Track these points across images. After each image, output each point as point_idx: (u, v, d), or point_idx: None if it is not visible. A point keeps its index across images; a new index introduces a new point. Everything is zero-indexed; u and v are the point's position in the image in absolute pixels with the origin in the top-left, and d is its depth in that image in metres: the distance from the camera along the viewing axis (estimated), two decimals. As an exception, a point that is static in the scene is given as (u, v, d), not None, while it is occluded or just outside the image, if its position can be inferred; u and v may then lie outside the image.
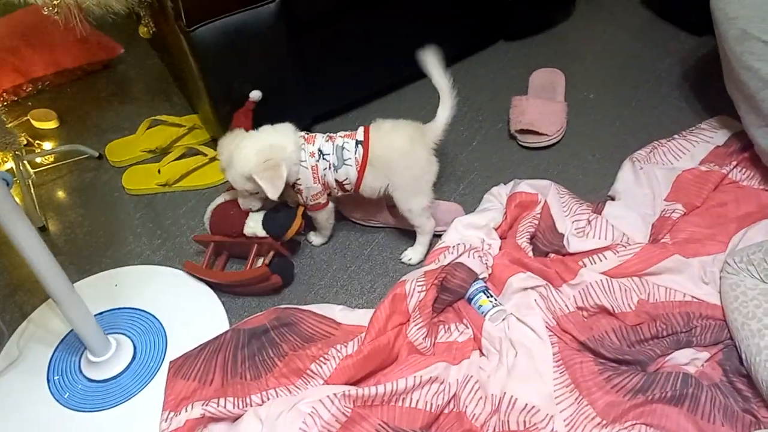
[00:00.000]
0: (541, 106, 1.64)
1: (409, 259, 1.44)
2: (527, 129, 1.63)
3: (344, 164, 1.32)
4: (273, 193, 1.25)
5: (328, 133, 1.36)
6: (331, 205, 1.41)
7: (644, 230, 1.39)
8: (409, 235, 1.47)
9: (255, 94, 1.48)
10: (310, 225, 1.47)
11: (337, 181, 1.34)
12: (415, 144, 1.33)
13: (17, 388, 1.27)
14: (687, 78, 1.79)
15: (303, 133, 1.34)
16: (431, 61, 1.34)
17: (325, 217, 1.42)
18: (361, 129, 1.34)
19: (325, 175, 1.33)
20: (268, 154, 1.26)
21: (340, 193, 1.38)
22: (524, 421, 1.11)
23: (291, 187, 1.34)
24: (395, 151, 1.32)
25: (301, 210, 1.37)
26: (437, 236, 1.47)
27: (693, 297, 1.25)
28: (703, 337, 1.20)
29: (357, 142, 1.32)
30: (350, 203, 1.50)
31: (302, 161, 1.31)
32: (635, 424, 1.10)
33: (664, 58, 1.87)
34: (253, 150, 1.27)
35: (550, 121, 1.64)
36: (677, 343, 1.20)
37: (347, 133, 1.35)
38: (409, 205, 1.37)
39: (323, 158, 1.32)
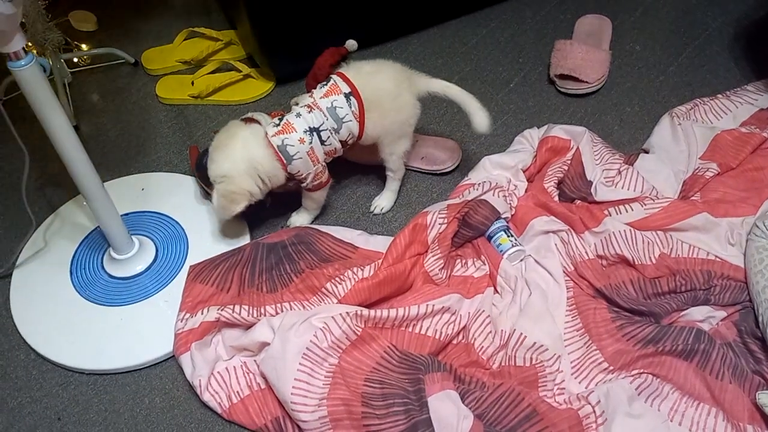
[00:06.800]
0: (585, 53, 1.60)
1: (381, 209, 1.41)
2: (568, 74, 1.59)
3: (344, 123, 1.25)
4: (217, 214, 1.27)
5: (298, 105, 1.27)
6: (331, 179, 1.34)
7: (675, 187, 1.36)
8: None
9: (351, 44, 1.46)
10: (288, 204, 1.40)
11: (341, 141, 1.28)
12: (401, 87, 1.28)
13: (41, 277, 1.31)
14: (739, 39, 1.73)
15: (275, 128, 1.24)
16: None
17: (324, 194, 1.36)
18: (338, 79, 1.26)
19: (330, 142, 1.26)
20: (239, 182, 1.22)
21: (342, 152, 1.32)
22: (531, 358, 1.12)
23: (286, 181, 1.29)
24: (383, 93, 1.27)
25: None
26: (436, 175, 1.47)
27: (716, 256, 1.24)
28: (722, 296, 1.19)
29: (346, 96, 1.25)
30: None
31: (294, 156, 1.23)
32: (642, 373, 1.11)
33: (717, 17, 1.80)
34: (230, 164, 1.22)
35: (592, 68, 1.59)
36: (694, 300, 1.19)
37: (325, 90, 1.26)
38: (392, 149, 1.33)
39: (318, 133, 1.25)
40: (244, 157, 1.23)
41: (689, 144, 1.42)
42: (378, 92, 1.27)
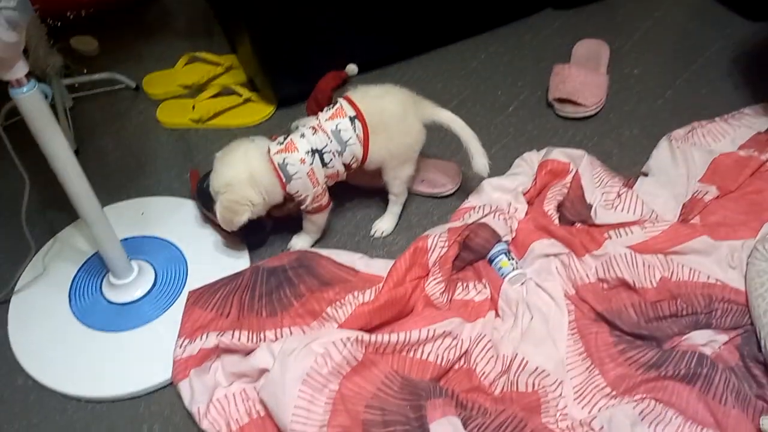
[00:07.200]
0: (583, 77, 1.61)
1: (382, 232, 1.41)
2: (566, 98, 1.60)
3: (347, 146, 1.26)
4: (222, 224, 1.25)
5: (302, 126, 1.28)
6: (331, 203, 1.34)
7: (675, 209, 1.36)
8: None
9: (351, 68, 1.48)
10: (289, 228, 1.40)
11: (344, 164, 1.28)
12: (407, 111, 1.29)
13: (39, 303, 1.30)
14: (737, 63, 1.74)
15: (278, 146, 1.25)
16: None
17: (325, 218, 1.35)
18: (344, 103, 1.27)
19: (333, 165, 1.26)
20: (241, 191, 1.22)
21: (345, 176, 1.32)
22: (533, 383, 1.11)
23: (284, 202, 1.30)
24: (389, 116, 1.28)
25: None
26: (436, 198, 1.47)
27: (717, 280, 1.23)
28: (724, 320, 1.19)
29: (351, 119, 1.25)
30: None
31: (293, 175, 1.24)
32: (644, 398, 1.10)
33: (715, 41, 1.81)
34: (232, 172, 1.23)
35: (591, 92, 1.60)
36: (696, 324, 1.19)
37: (330, 113, 1.27)
38: (397, 173, 1.34)
39: (320, 155, 1.25)
40: (246, 167, 1.23)
41: (688, 167, 1.42)
42: (384, 116, 1.27)
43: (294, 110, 1.67)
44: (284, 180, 1.24)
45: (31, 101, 0.98)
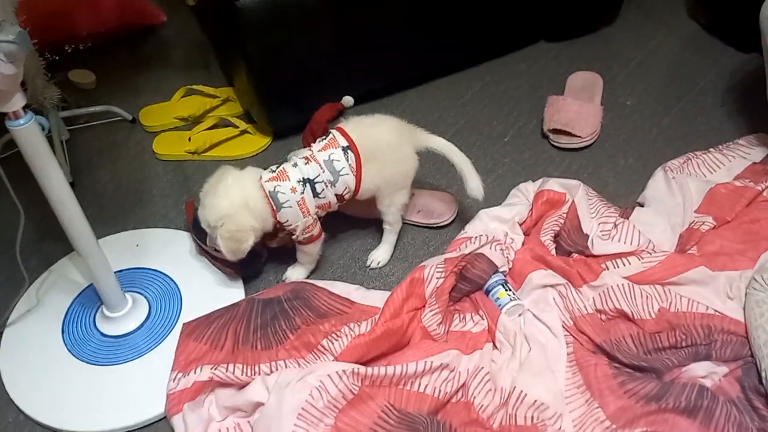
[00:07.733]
0: (577, 108, 1.62)
1: (378, 263, 1.40)
2: (561, 129, 1.61)
3: (340, 176, 1.25)
4: (228, 255, 1.23)
5: (296, 157, 1.27)
6: (323, 234, 1.34)
7: (672, 239, 1.36)
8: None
9: (347, 100, 1.49)
10: (284, 259, 1.40)
11: (336, 195, 1.28)
12: (402, 139, 1.30)
13: (32, 335, 1.29)
14: (730, 93, 1.76)
15: (270, 174, 1.25)
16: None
17: (317, 248, 1.35)
18: (336, 134, 1.27)
19: (325, 195, 1.26)
20: (239, 219, 1.21)
21: (337, 207, 1.32)
22: (532, 417, 1.10)
23: (276, 231, 1.30)
24: (384, 145, 1.28)
25: None
26: (432, 229, 1.47)
27: (716, 311, 1.22)
28: (723, 351, 1.18)
29: (343, 149, 1.26)
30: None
31: (284, 203, 1.23)
32: (645, 431, 1.08)
33: (708, 72, 1.83)
34: (227, 202, 1.21)
35: (585, 123, 1.61)
36: (696, 355, 1.17)
37: (323, 144, 1.27)
38: (391, 200, 1.34)
39: (313, 185, 1.24)
40: (240, 194, 1.22)
41: (684, 197, 1.42)
42: (378, 144, 1.28)
43: (290, 142, 1.68)
44: (275, 208, 1.24)
45: (28, 133, 0.98)
